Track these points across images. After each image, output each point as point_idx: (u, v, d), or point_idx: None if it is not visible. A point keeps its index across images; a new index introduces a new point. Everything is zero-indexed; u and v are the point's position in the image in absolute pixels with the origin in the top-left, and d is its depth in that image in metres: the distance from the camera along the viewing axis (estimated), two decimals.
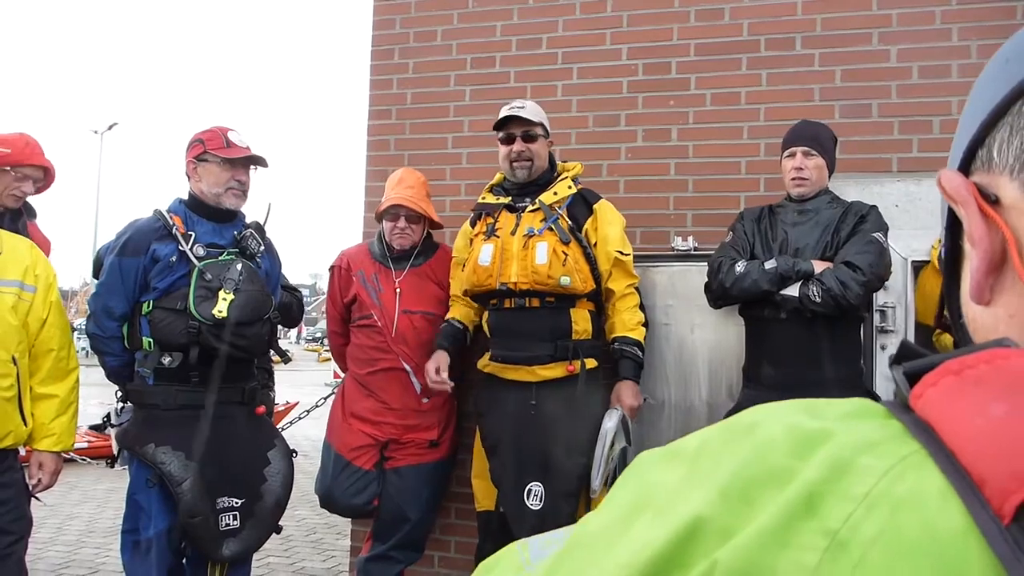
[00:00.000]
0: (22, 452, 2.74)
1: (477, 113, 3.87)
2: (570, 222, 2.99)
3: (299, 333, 52.04)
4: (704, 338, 3.41)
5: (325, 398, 5.64)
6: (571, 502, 2.89)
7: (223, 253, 2.86)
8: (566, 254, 2.90)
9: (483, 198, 3.16)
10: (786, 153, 2.91)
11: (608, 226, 3.03)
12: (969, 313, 0.48)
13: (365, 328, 3.30)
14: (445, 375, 3.08)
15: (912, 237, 3.20)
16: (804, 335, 2.73)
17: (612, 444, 2.85)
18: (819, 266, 2.73)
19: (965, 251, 0.48)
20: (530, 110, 3.08)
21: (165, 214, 2.85)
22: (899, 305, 3.20)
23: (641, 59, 3.67)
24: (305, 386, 14.04)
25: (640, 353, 3.00)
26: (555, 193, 3.03)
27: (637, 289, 3.07)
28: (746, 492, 0.38)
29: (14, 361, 2.58)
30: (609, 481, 2.85)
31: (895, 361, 0.43)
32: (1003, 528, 0.32)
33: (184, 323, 2.73)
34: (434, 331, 3.28)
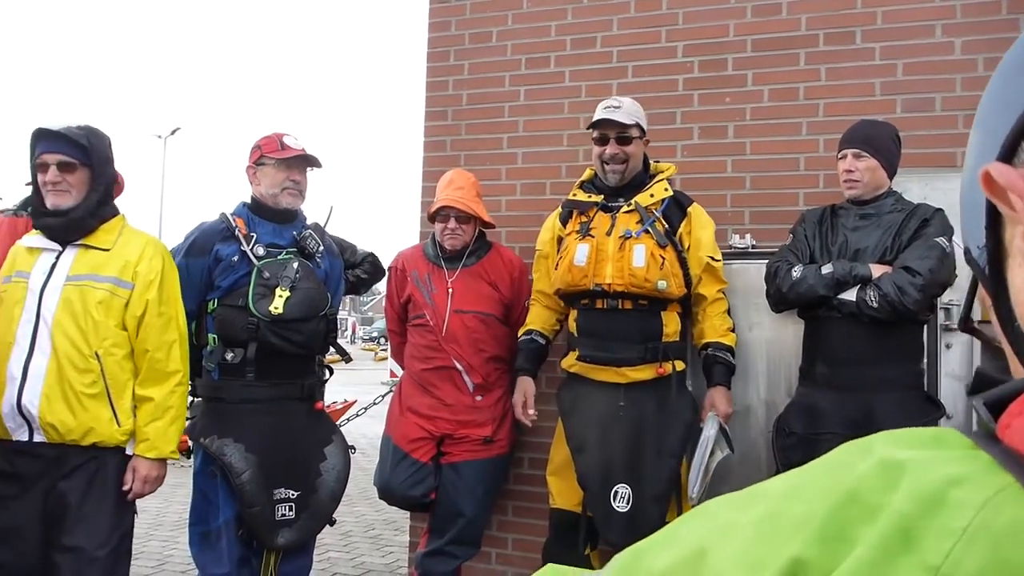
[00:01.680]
0: (130, 451, 2.63)
1: (532, 113, 3.91)
2: (666, 225, 2.98)
3: (354, 332, 52.70)
4: (762, 336, 3.38)
5: (383, 396, 5.74)
6: (661, 505, 2.89)
7: (282, 253, 2.97)
8: (663, 258, 2.89)
9: (574, 194, 3.14)
10: (839, 154, 2.87)
11: (701, 230, 3.02)
12: (1022, 316, 0.46)
13: (419, 327, 3.37)
14: (532, 407, 3.13)
15: None
16: (860, 335, 2.69)
17: (712, 452, 2.84)
18: (877, 270, 2.68)
19: (1011, 249, 0.46)
20: (626, 110, 3.03)
21: (229, 216, 2.99)
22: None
23: (697, 56, 3.66)
24: (362, 385, 14.24)
25: (732, 359, 3.00)
26: (651, 195, 3.00)
27: (725, 294, 3.07)
28: (843, 531, 0.37)
29: (97, 357, 2.55)
30: (707, 491, 2.85)
31: (972, 391, 0.42)
32: None
33: (244, 319, 2.85)
34: (486, 331, 3.32)
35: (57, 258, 2.61)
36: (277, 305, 2.85)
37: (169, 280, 2.72)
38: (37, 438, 2.53)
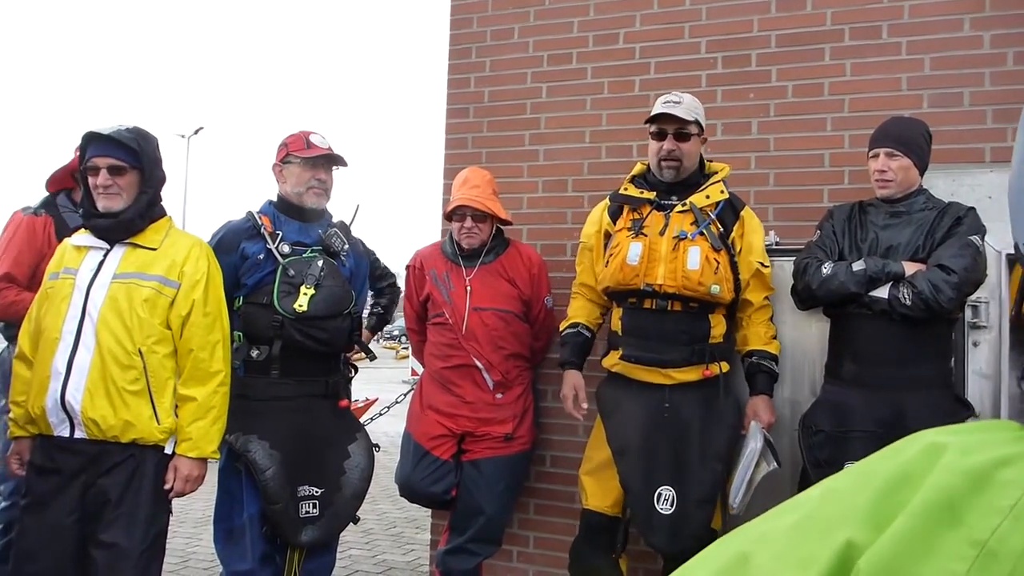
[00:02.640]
0: (169, 450, 2.64)
1: (554, 110, 3.90)
2: (720, 228, 2.93)
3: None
4: (786, 334, 3.33)
5: (405, 394, 5.76)
6: (706, 509, 2.85)
7: (307, 251, 2.99)
8: (717, 262, 2.85)
9: (625, 189, 3.06)
10: (871, 153, 2.83)
11: (753, 234, 2.98)
12: None
13: (438, 326, 3.38)
14: (584, 400, 3.09)
15: (1006, 230, 3.07)
16: (889, 332, 2.67)
17: (758, 465, 2.81)
18: (910, 268, 2.65)
19: None
20: (686, 106, 2.96)
21: (255, 215, 3.02)
22: (992, 300, 3.09)
23: (720, 52, 3.64)
24: (384, 383, 14.30)
25: (776, 368, 2.97)
26: (707, 196, 2.94)
27: (770, 301, 3.03)
28: (893, 510, 0.38)
29: (140, 354, 2.56)
30: (750, 504, 2.80)
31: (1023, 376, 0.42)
32: None
33: (269, 317, 2.87)
34: (505, 328, 3.30)
35: (105, 256, 2.64)
36: (302, 303, 2.87)
37: (214, 281, 2.74)
38: (78, 434, 2.55)
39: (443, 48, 4.16)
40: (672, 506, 2.83)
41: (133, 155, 2.64)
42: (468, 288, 3.33)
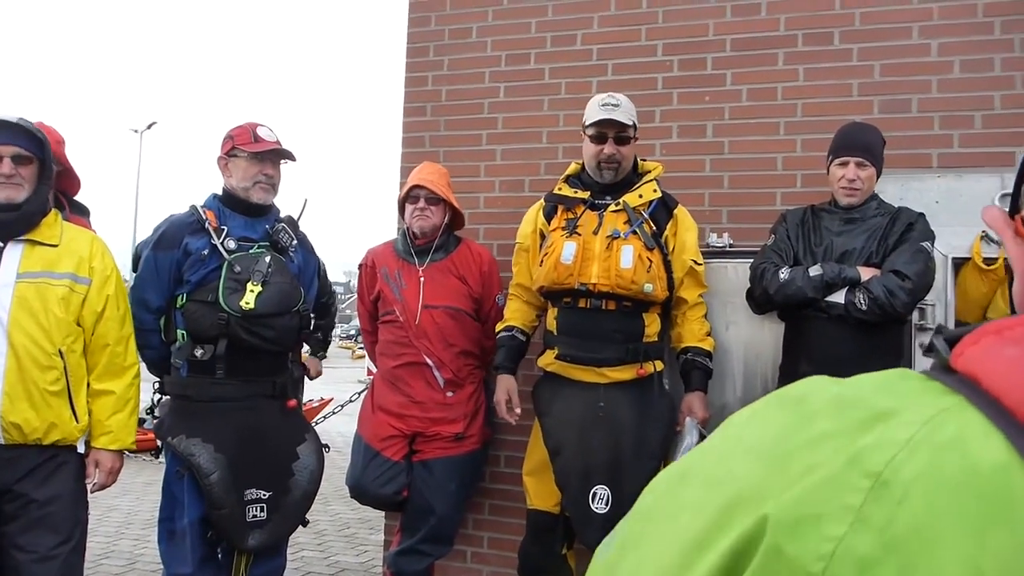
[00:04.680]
0: (81, 449, 2.64)
1: (511, 110, 3.86)
2: (653, 227, 2.93)
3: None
4: (739, 336, 3.36)
5: (358, 394, 5.70)
6: None
7: (254, 247, 2.89)
8: (650, 260, 2.85)
9: (559, 189, 3.06)
10: (837, 160, 2.82)
11: (686, 232, 2.98)
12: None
13: (389, 323, 3.32)
14: (517, 404, 3.07)
15: (952, 234, 3.13)
16: (844, 334, 2.68)
17: None
18: (866, 273, 2.67)
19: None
20: (624, 109, 2.96)
21: (199, 209, 2.90)
22: (939, 303, 3.14)
23: (676, 55, 3.63)
24: (338, 383, 14.15)
25: (710, 364, 2.97)
26: (640, 195, 2.95)
27: (704, 298, 3.04)
28: (788, 459, 0.40)
29: (61, 354, 2.53)
30: None
31: (935, 333, 0.45)
32: None
33: (214, 315, 2.76)
34: (456, 326, 3.27)
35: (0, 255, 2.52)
36: (248, 300, 2.76)
37: (119, 275, 2.75)
38: None
39: (401, 46, 4.11)
40: (607, 505, 2.81)
41: (38, 145, 2.54)
42: (421, 279, 3.28)
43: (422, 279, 3.29)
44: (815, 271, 2.71)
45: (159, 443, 3.06)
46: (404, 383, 3.27)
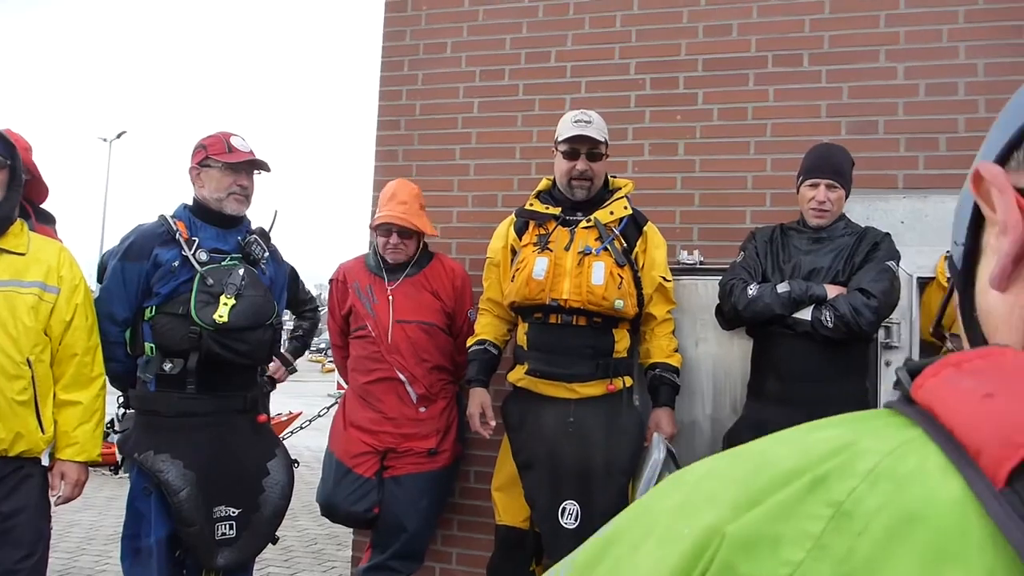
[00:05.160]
0: (45, 462, 2.59)
1: (485, 125, 3.87)
2: (624, 244, 2.95)
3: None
4: (708, 352, 3.39)
5: (328, 408, 5.65)
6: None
7: (226, 258, 2.85)
8: (621, 277, 2.87)
9: (530, 204, 3.07)
10: (808, 181, 2.85)
11: (656, 249, 3.01)
12: (984, 304, 0.50)
13: (361, 339, 3.30)
14: (491, 417, 3.05)
15: (918, 254, 3.19)
16: (813, 352, 2.71)
17: (660, 476, 2.81)
18: (832, 291, 2.71)
19: (987, 248, 0.50)
20: (596, 126, 2.97)
21: (169, 219, 2.85)
22: (904, 321, 3.19)
23: (649, 74, 3.66)
24: (308, 397, 14.03)
25: (678, 380, 2.99)
26: (611, 212, 2.96)
27: (672, 315, 3.05)
28: (756, 499, 0.40)
29: (29, 364, 2.48)
30: None
31: (901, 365, 0.45)
32: (996, 492, 0.35)
33: (185, 328, 2.72)
34: (429, 341, 3.25)
35: None
36: (222, 313, 2.71)
37: (87, 285, 2.73)
38: None
39: (376, 59, 4.11)
40: (577, 520, 2.81)
41: (8, 152, 2.50)
42: (391, 300, 3.27)
43: (393, 295, 3.28)
44: (783, 288, 2.75)
45: (119, 458, 2.99)
46: (376, 399, 3.24)
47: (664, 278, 3.00)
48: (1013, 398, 0.37)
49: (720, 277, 3.03)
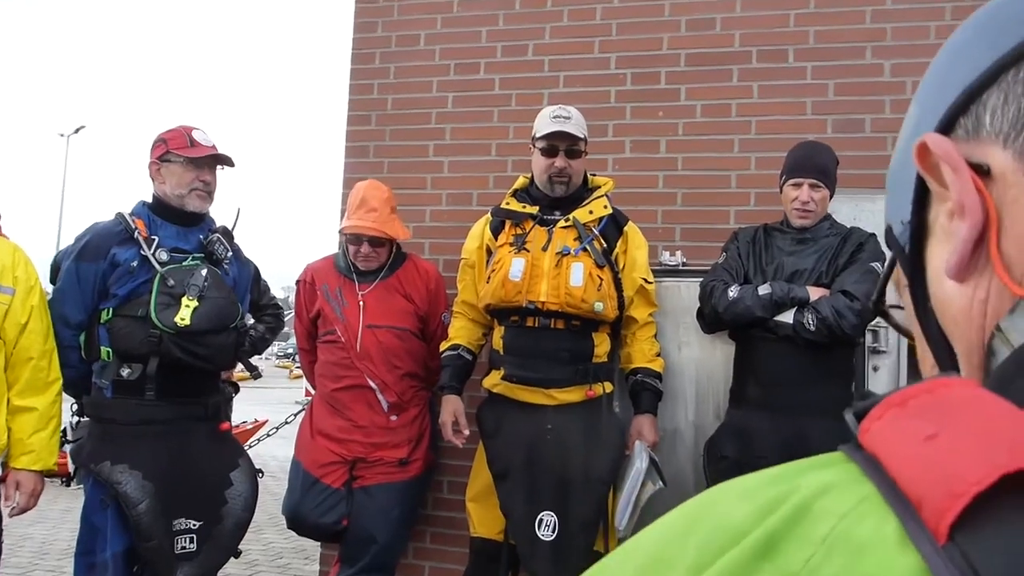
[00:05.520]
0: None
1: (460, 121, 3.87)
2: (604, 244, 2.95)
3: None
4: (691, 357, 3.41)
5: (295, 415, 5.61)
6: (589, 532, 2.83)
7: (188, 258, 2.82)
8: (601, 279, 2.87)
9: (507, 203, 3.07)
10: (791, 181, 2.87)
11: (637, 250, 3.01)
12: (939, 294, 0.48)
13: (330, 344, 3.28)
14: (464, 426, 3.03)
15: None
16: (794, 356, 2.73)
17: (643, 485, 2.82)
18: (815, 293, 2.72)
19: (934, 229, 0.48)
20: (576, 121, 2.98)
21: (127, 217, 2.82)
22: None
23: (630, 68, 3.68)
24: (274, 404, 13.93)
25: (661, 385, 3.00)
26: (590, 211, 2.97)
27: (654, 318, 3.06)
28: (706, 561, 0.38)
29: None
30: (636, 524, 2.81)
31: (848, 409, 0.43)
32: (939, 549, 0.33)
33: (144, 332, 2.69)
34: (401, 346, 3.24)
35: None
36: (184, 316, 2.70)
37: (41, 287, 2.70)
38: None
39: (346, 51, 4.09)
40: (554, 532, 2.81)
41: None
42: (361, 304, 3.25)
43: (364, 299, 3.26)
44: (764, 290, 2.76)
45: (72, 468, 2.95)
46: (345, 407, 3.23)
47: (645, 280, 3.01)
48: (956, 437, 0.35)
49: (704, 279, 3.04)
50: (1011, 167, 0.43)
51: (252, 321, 3.27)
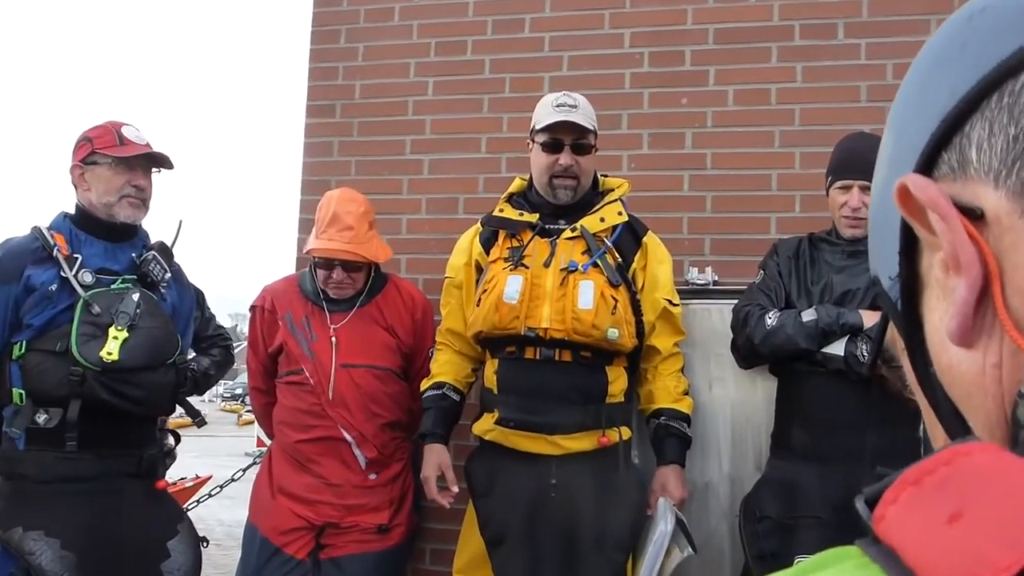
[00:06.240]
0: None
1: (443, 111, 3.91)
2: (619, 258, 2.96)
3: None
4: (725, 396, 3.41)
5: (244, 470, 5.63)
6: None
7: (117, 281, 2.86)
8: (615, 300, 2.87)
9: (500, 210, 3.09)
10: (838, 183, 2.88)
11: (658, 265, 3.03)
12: (944, 360, 0.48)
13: (294, 386, 3.27)
14: (452, 481, 3.03)
15: None
16: (848, 395, 2.73)
17: (669, 551, 2.80)
18: (869, 318, 2.73)
19: (929, 280, 0.49)
20: (583, 111, 2.98)
21: (45, 232, 2.85)
22: None
23: (647, 46, 3.73)
24: (220, 456, 13.93)
25: (688, 430, 2.99)
26: (602, 219, 2.98)
27: (681, 348, 3.07)
28: None
29: None
30: None
31: (859, 495, 0.45)
32: None
33: (64, 369, 2.72)
34: (382, 390, 3.25)
35: None
36: (111, 350, 2.73)
37: None
38: None
39: (305, 29, 4.13)
40: None
41: None
42: (334, 340, 3.25)
43: (336, 333, 3.26)
44: (808, 316, 2.78)
45: None
46: (313, 462, 3.23)
47: (670, 301, 3.02)
48: (982, 516, 0.36)
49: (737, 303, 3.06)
50: (1006, 209, 0.44)
51: (194, 355, 3.31)
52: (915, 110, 0.50)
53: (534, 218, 3.03)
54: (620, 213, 3.02)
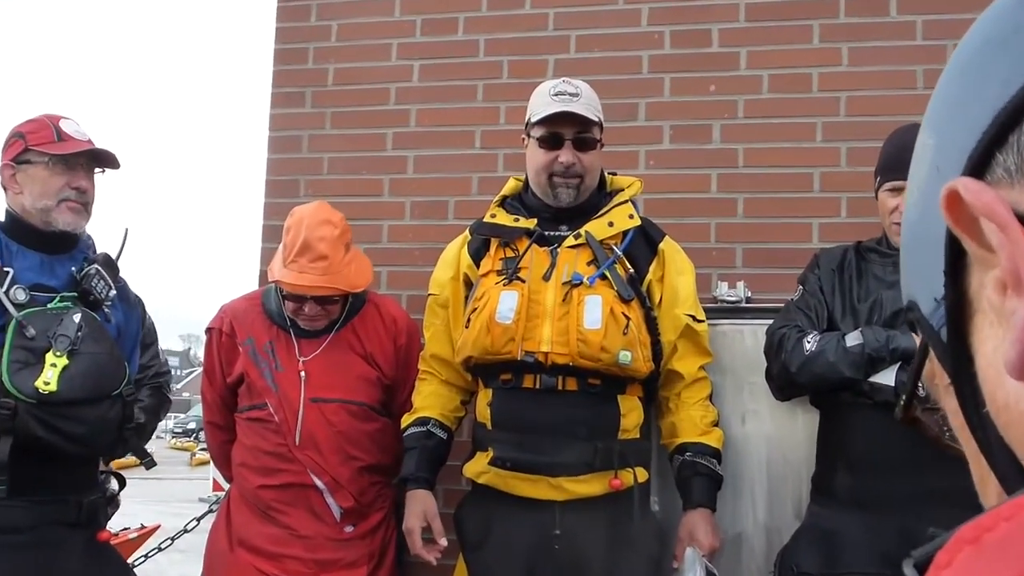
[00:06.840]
0: None
1: (431, 99, 3.93)
2: (630, 269, 2.98)
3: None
4: (760, 431, 3.39)
5: (198, 519, 5.67)
6: None
7: (55, 298, 2.89)
8: (627, 317, 2.87)
9: (492, 215, 3.09)
10: (887, 185, 2.87)
11: (678, 276, 3.03)
12: (1000, 397, 0.47)
13: (256, 423, 3.27)
14: (440, 533, 3.02)
15: None
16: (899, 431, 2.71)
17: None
18: None
19: (980, 303, 0.48)
20: (586, 100, 2.98)
21: None
22: None
23: (669, 24, 3.75)
24: (170, 502, 13.95)
25: (719, 468, 2.97)
26: (610, 224, 2.99)
27: (708, 372, 3.06)
28: None
29: None
30: None
31: (908, 560, 0.46)
32: None
33: None
34: (359, 429, 3.24)
35: None
36: (48, 379, 2.74)
37: None
38: None
39: (270, 4, 4.15)
40: None
41: None
42: (303, 374, 3.25)
43: (305, 366, 3.27)
44: (853, 340, 2.76)
45: None
46: (279, 512, 3.22)
47: (693, 317, 3.02)
48: None
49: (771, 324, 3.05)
50: None
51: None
52: (960, 106, 0.50)
53: (531, 224, 3.02)
54: (631, 216, 3.01)
